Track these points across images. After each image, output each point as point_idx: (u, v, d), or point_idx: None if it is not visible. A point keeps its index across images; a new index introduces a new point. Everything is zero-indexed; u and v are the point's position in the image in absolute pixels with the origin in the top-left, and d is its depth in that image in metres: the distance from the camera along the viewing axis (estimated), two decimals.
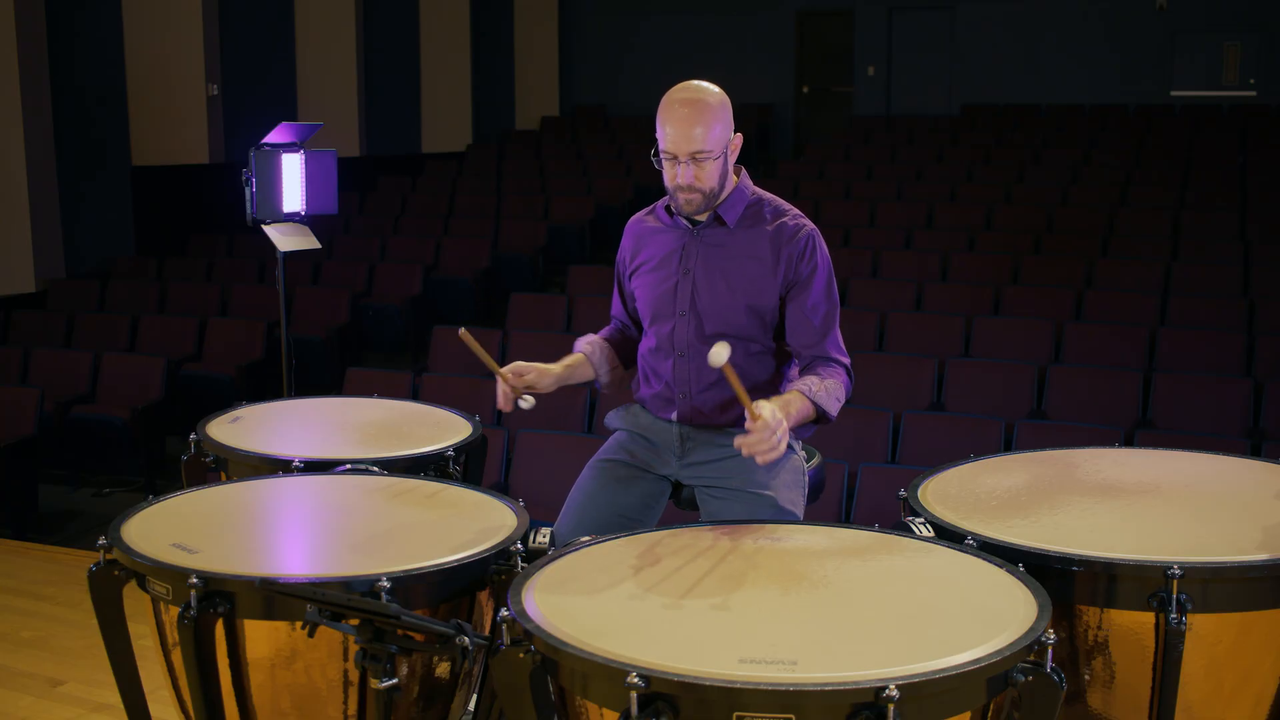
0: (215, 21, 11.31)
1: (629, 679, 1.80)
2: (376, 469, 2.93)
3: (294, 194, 5.91)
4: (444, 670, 2.42)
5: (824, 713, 1.78)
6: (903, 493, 2.64)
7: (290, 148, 5.88)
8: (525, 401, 2.77)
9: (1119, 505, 2.52)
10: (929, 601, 2.10)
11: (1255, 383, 6.12)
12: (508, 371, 2.76)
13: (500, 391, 2.77)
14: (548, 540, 2.66)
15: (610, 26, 16.14)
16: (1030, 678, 1.90)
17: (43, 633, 4.25)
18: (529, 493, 5.25)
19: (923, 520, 2.47)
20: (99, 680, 3.72)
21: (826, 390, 2.65)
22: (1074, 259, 8.45)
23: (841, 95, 15.45)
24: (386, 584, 2.18)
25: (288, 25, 12.39)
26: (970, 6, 14.57)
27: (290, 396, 5.45)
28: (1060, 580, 2.24)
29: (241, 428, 3.27)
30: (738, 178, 2.82)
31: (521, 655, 2.00)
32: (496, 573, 2.39)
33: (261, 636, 2.27)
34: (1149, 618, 2.22)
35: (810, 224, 2.80)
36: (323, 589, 2.09)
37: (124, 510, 2.59)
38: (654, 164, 2.76)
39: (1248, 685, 2.29)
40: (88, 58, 10.16)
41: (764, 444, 2.39)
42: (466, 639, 2.10)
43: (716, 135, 2.67)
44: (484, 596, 2.44)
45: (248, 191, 5.81)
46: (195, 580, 2.21)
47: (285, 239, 5.88)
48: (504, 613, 2.05)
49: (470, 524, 2.52)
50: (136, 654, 2.57)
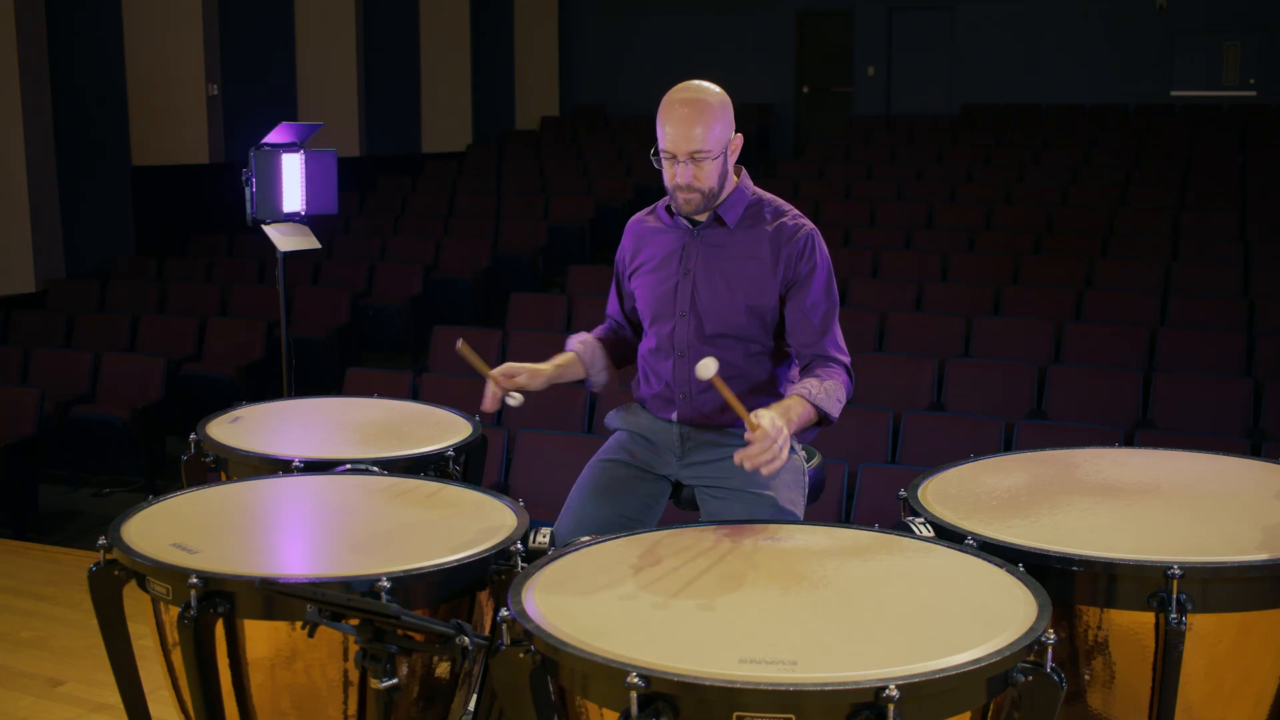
0: (215, 21, 11.30)
1: (629, 679, 1.80)
2: (376, 469, 2.93)
3: (294, 194, 5.91)
4: (444, 670, 2.42)
5: (824, 713, 1.78)
6: (903, 493, 2.64)
7: (290, 148, 5.88)
8: (513, 399, 2.76)
9: (1119, 505, 2.52)
10: (929, 601, 2.10)
11: (1255, 383, 6.12)
12: (498, 373, 2.76)
13: (488, 393, 2.76)
14: (548, 540, 2.66)
15: (610, 26, 16.14)
16: (1030, 678, 1.90)
17: (43, 633, 4.25)
18: (529, 493, 5.25)
19: (923, 520, 2.47)
20: (99, 680, 3.72)
21: (826, 392, 2.64)
22: (1074, 259, 8.45)
23: (841, 95, 15.45)
24: (386, 584, 2.18)
25: (288, 25, 12.39)
26: (970, 6, 14.57)
27: (290, 396, 5.45)
28: (1060, 580, 2.23)
29: (241, 428, 3.27)
30: (738, 178, 2.82)
31: (521, 655, 2.00)
32: (496, 573, 2.39)
33: (261, 636, 2.27)
34: (1149, 618, 2.22)
35: (809, 224, 2.80)
36: (323, 589, 2.09)
37: (124, 510, 2.59)
38: (653, 163, 2.76)
39: (1248, 685, 2.29)
40: (88, 58, 10.16)
41: (765, 454, 2.38)
42: (466, 639, 2.10)
43: (716, 135, 2.67)
44: (484, 596, 2.44)
45: (248, 191, 5.81)
46: (195, 580, 2.21)
47: (285, 239, 5.88)
48: (504, 613, 2.05)
49: (470, 524, 2.52)
50: (136, 654, 2.57)
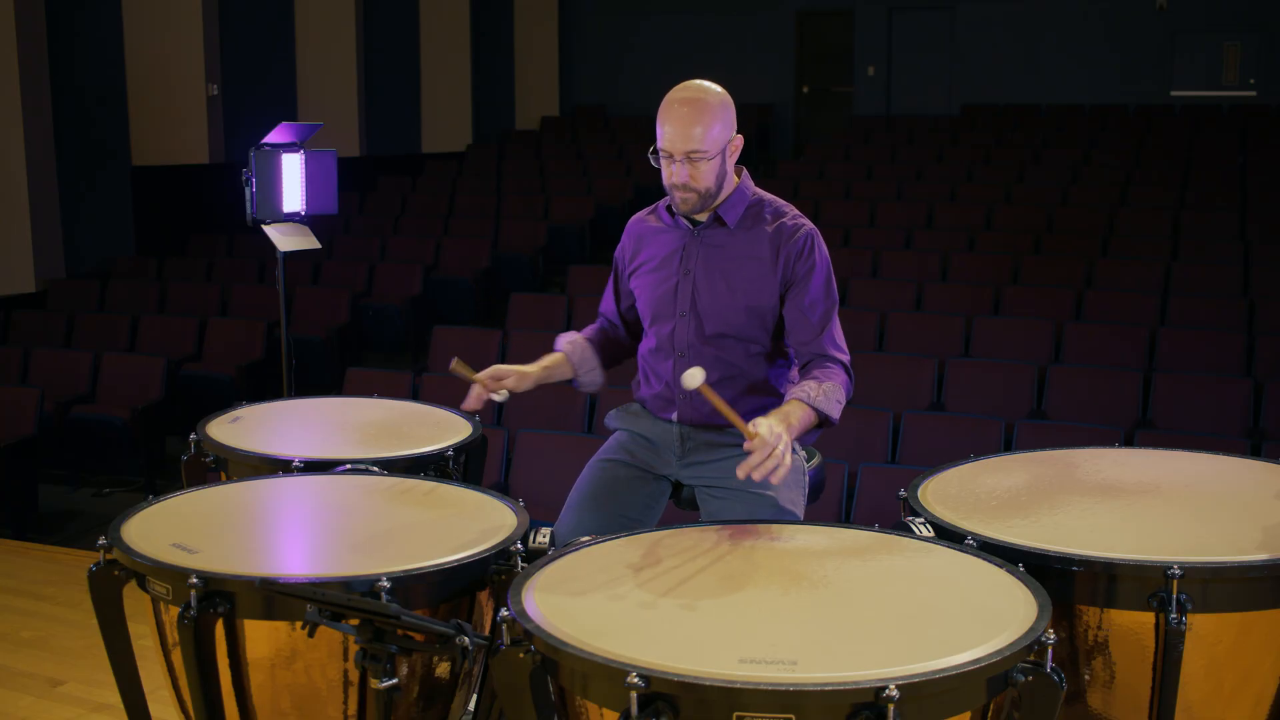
0: (215, 21, 11.31)
1: (629, 679, 1.80)
2: (376, 469, 2.93)
3: (294, 194, 5.91)
4: (444, 670, 2.42)
5: (824, 713, 1.78)
6: (903, 493, 2.64)
7: (290, 148, 5.88)
8: (499, 395, 2.78)
9: (1119, 505, 2.51)
10: (929, 601, 2.10)
11: (1255, 383, 6.12)
12: (485, 376, 2.76)
13: (472, 394, 2.77)
14: (548, 540, 2.66)
15: (610, 26, 16.15)
16: (1030, 678, 1.90)
17: (43, 633, 4.25)
18: (529, 493, 5.25)
19: (923, 520, 2.46)
20: (99, 680, 3.72)
21: (826, 394, 2.64)
22: (1074, 259, 8.45)
23: (841, 95, 15.45)
24: (386, 584, 2.18)
25: (288, 25, 12.39)
26: (970, 6, 14.57)
27: (290, 396, 5.45)
28: (1060, 580, 2.23)
29: (241, 428, 3.27)
30: (739, 179, 2.82)
31: (521, 655, 1.99)
32: (496, 573, 2.38)
33: (261, 636, 2.27)
34: (1149, 618, 2.21)
35: (809, 223, 2.80)
36: (323, 589, 2.09)
37: (124, 510, 2.59)
38: (651, 161, 2.76)
39: (1248, 685, 2.29)
40: (88, 58, 10.16)
41: (768, 462, 2.37)
42: (466, 639, 2.10)
43: (714, 135, 2.66)
44: (484, 596, 2.44)
45: (248, 191, 5.81)
46: (195, 580, 2.21)
47: (285, 239, 5.88)
48: (504, 613, 2.05)
49: (470, 524, 2.52)
50: (136, 654, 2.57)
